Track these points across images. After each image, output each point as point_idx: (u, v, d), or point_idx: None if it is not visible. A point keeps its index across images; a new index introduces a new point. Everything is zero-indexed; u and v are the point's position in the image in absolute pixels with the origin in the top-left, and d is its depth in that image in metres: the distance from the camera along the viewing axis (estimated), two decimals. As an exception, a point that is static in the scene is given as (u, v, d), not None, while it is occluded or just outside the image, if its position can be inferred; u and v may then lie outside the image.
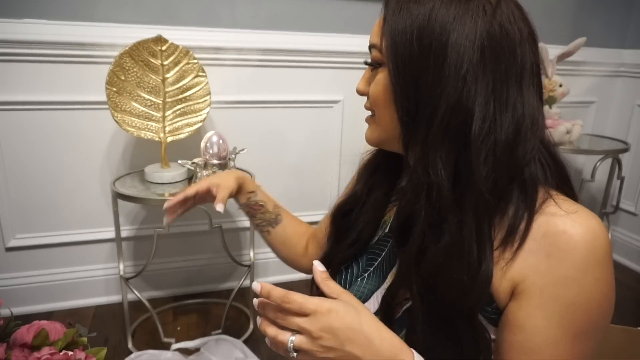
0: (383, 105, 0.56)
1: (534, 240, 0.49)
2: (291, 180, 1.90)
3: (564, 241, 0.48)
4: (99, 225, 1.71)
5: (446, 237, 0.50)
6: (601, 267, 0.47)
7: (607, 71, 2.28)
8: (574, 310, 0.47)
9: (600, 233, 0.48)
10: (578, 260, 0.47)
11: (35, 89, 1.52)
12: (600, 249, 0.47)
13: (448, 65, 0.49)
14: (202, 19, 1.65)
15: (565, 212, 0.49)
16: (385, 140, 0.60)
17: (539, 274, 0.48)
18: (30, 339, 0.48)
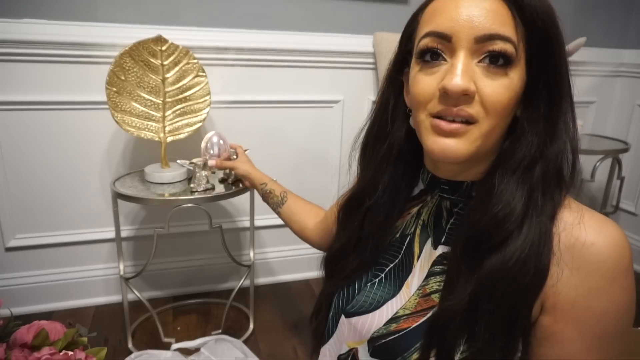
0: (505, 112, 0.49)
1: (559, 252, 0.48)
2: (291, 180, 1.90)
3: (593, 253, 0.47)
4: (99, 225, 1.71)
5: (519, 244, 0.48)
6: (628, 275, 0.48)
7: (607, 71, 2.28)
8: (605, 319, 0.48)
9: (625, 242, 0.48)
10: (607, 271, 0.47)
11: (35, 89, 1.52)
12: (627, 259, 0.47)
13: (565, 68, 0.51)
14: (202, 19, 1.65)
15: (586, 221, 0.48)
16: (478, 154, 0.51)
17: (570, 287, 0.48)
18: (30, 339, 0.48)
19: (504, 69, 0.48)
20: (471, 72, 0.48)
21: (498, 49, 0.47)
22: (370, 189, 0.63)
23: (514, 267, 0.47)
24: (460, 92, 0.47)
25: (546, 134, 0.50)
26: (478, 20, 0.47)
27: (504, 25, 0.47)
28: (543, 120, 0.50)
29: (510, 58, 0.47)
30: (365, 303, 0.60)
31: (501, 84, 0.48)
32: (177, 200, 1.34)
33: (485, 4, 0.47)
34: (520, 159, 0.50)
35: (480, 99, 0.48)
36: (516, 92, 0.48)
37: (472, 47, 0.48)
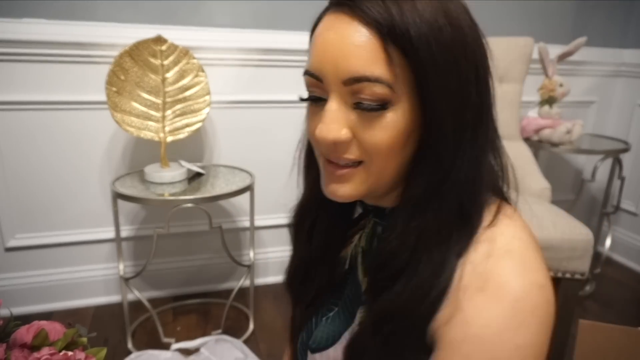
0: (392, 152, 0.44)
1: (467, 280, 0.43)
2: (291, 180, 1.90)
3: (488, 296, 0.41)
4: (99, 225, 1.71)
5: (418, 276, 0.45)
6: (524, 331, 0.40)
7: (608, 71, 2.28)
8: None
9: (528, 292, 0.41)
10: (495, 321, 0.41)
11: (35, 89, 1.52)
12: (526, 312, 0.41)
13: (484, 99, 0.45)
14: (202, 19, 1.65)
15: (503, 253, 0.43)
16: (372, 191, 0.48)
17: (459, 324, 0.42)
18: (30, 339, 0.48)
19: (380, 111, 0.42)
20: (344, 118, 0.43)
21: (368, 95, 0.41)
22: (305, 213, 0.62)
23: (403, 302, 0.45)
24: (328, 143, 0.44)
25: (442, 167, 0.44)
26: (342, 61, 0.41)
27: (374, 63, 0.40)
28: (440, 152, 0.44)
29: (384, 100, 0.41)
30: (322, 339, 0.59)
31: (380, 127, 0.42)
32: (177, 200, 1.34)
33: (352, 39, 0.41)
34: (416, 193, 0.45)
35: (359, 143, 0.44)
36: (400, 130, 0.43)
37: (341, 90, 0.43)
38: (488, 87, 0.45)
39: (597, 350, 1.01)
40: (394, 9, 0.39)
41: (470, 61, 0.42)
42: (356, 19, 0.41)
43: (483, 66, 0.44)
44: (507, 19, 2.01)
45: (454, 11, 0.42)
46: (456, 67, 0.41)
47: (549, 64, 1.86)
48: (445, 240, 0.44)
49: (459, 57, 0.41)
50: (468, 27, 0.43)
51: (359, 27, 0.41)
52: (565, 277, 1.31)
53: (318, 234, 0.60)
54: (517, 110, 1.84)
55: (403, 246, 0.45)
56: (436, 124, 0.42)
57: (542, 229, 1.30)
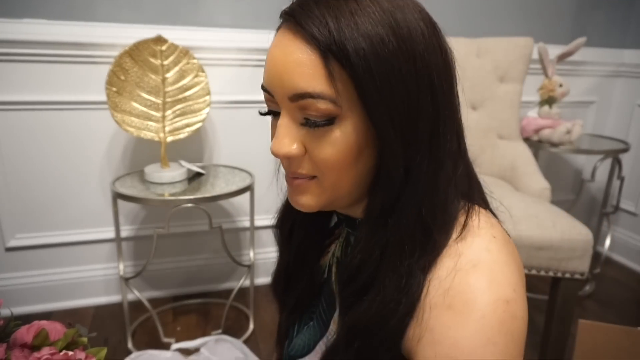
0: (343, 166, 0.43)
1: (434, 296, 0.43)
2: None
3: (455, 313, 0.41)
4: (99, 225, 1.71)
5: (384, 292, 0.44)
6: (493, 348, 0.40)
7: (607, 71, 2.28)
8: None
9: (495, 307, 0.40)
10: (463, 340, 0.40)
11: (35, 89, 1.52)
12: (494, 327, 0.40)
13: (440, 108, 0.43)
14: (202, 19, 1.65)
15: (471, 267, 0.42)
16: (332, 203, 0.48)
17: (429, 343, 0.41)
18: (30, 339, 0.48)
19: (328, 127, 0.42)
20: (295, 133, 0.44)
21: (313, 112, 0.41)
22: (287, 258, 0.62)
23: (371, 317, 0.44)
24: (281, 157, 0.45)
25: (394, 182, 0.43)
26: (286, 78, 0.41)
27: (315, 79, 0.40)
28: (390, 167, 0.43)
29: (329, 115, 0.41)
30: (300, 347, 0.60)
31: (328, 143, 0.42)
32: (177, 200, 1.34)
33: (293, 57, 0.41)
34: (374, 207, 0.45)
35: (310, 158, 0.44)
36: (349, 145, 0.42)
37: (289, 106, 0.43)
38: (447, 95, 0.44)
39: (597, 350, 1.01)
40: (333, 25, 0.39)
41: (421, 71, 0.41)
42: (299, 35, 0.41)
43: (440, 74, 0.43)
44: (507, 19, 2.01)
45: (403, 21, 0.41)
46: (400, 79, 0.40)
47: (548, 64, 1.86)
48: (410, 255, 0.44)
49: (405, 68, 0.40)
50: (420, 36, 0.41)
51: (300, 44, 0.41)
52: (565, 277, 1.31)
53: (296, 240, 0.60)
54: (517, 111, 1.84)
55: (367, 261, 0.45)
56: (382, 137, 0.42)
57: (542, 229, 1.30)
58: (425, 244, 0.44)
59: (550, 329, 1.36)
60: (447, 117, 0.44)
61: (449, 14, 1.91)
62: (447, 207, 0.45)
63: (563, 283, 1.32)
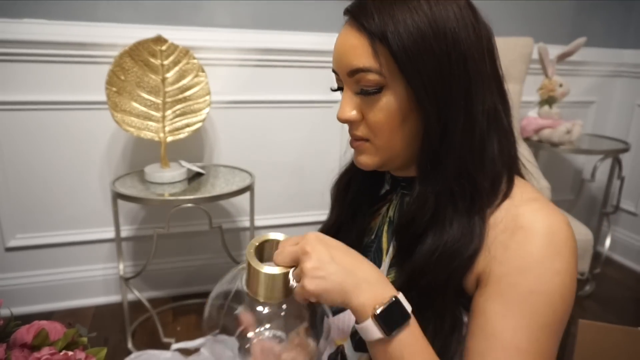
0: (391, 129, 0.53)
1: (495, 232, 0.52)
2: (291, 180, 1.90)
3: (521, 234, 0.50)
4: (99, 225, 1.71)
5: (447, 235, 0.52)
6: (561, 259, 0.49)
7: (607, 71, 2.28)
8: (534, 299, 0.48)
9: (559, 227, 0.50)
10: (534, 251, 0.49)
11: (35, 89, 1.52)
12: (560, 242, 0.49)
13: (472, 70, 0.51)
14: (202, 19, 1.65)
15: (526, 202, 0.52)
16: (387, 162, 0.57)
17: (498, 264, 0.50)
18: (30, 339, 0.48)
19: (377, 94, 0.52)
20: (353, 102, 0.55)
21: (364, 82, 0.52)
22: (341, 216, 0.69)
23: (436, 258, 0.52)
24: (342, 121, 0.56)
25: (433, 136, 0.52)
26: (344, 58, 0.53)
27: (363, 57, 0.51)
28: (429, 123, 0.52)
29: (378, 84, 0.52)
30: None
31: (378, 108, 0.53)
32: (177, 200, 1.34)
33: (349, 42, 0.53)
34: (421, 162, 0.54)
35: (366, 122, 0.55)
36: (395, 110, 0.52)
37: (349, 80, 0.54)
38: (479, 64, 0.52)
39: (597, 350, 1.01)
40: (377, 16, 0.50)
41: (451, 45, 0.50)
42: (354, 26, 0.52)
43: (471, 46, 0.51)
44: (507, 19, 2.01)
45: (436, 6, 0.50)
46: (431, 52, 0.49)
47: (548, 64, 1.86)
48: (462, 200, 0.52)
49: (436, 44, 0.49)
50: (452, 16, 0.50)
51: (354, 32, 0.52)
52: (565, 277, 1.31)
53: (350, 195, 0.69)
54: (517, 111, 1.84)
55: (423, 207, 0.54)
56: (419, 100, 0.51)
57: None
58: (473, 191, 0.52)
59: (550, 329, 1.36)
60: (480, 82, 0.52)
61: (449, 14, 1.91)
62: (485, 158, 0.53)
63: (563, 283, 1.32)
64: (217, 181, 1.53)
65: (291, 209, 1.93)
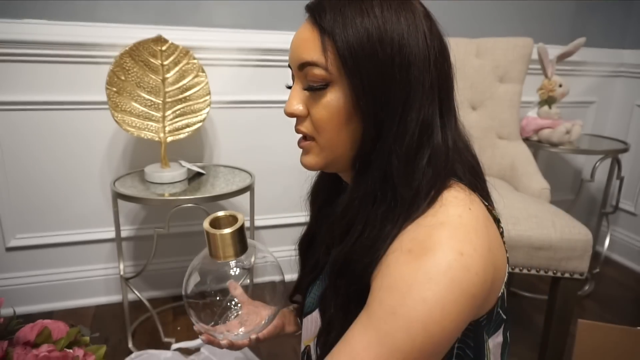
0: (333, 127, 0.53)
1: (394, 247, 0.49)
2: (291, 180, 1.90)
3: (405, 256, 0.47)
4: (99, 225, 1.71)
5: (367, 238, 0.52)
6: (434, 288, 0.44)
7: (607, 71, 2.28)
8: (393, 320, 0.45)
9: (448, 257, 0.45)
10: (406, 273, 0.46)
11: (35, 89, 1.52)
12: (439, 272, 0.45)
13: (414, 79, 0.50)
14: (202, 19, 1.65)
15: (433, 224, 0.48)
16: (330, 163, 0.57)
17: (379, 277, 0.49)
18: (33, 337, 0.48)
19: (322, 90, 0.53)
20: (302, 97, 0.55)
21: (311, 77, 0.53)
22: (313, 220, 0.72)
23: (345, 254, 0.53)
24: (288, 114, 0.56)
25: (367, 138, 0.52)
26: (297, 50, 0.55)
27: (312, 51, 0.52)
28: (365, 126, 0.52)
29: (324, 80, 0.52)
30: (310, 303, 0.68)
31: (322, 105, 0.53)
32: (177, 200, 1.35)
33: (302, 35, 0.54)
34: (355, 161, 0.54)
35: (310, 118, 0.55)
36: (338, 108, 0.52)
37: (299, 74, 0.55)
38: (423, 73, 0.51)
39: (596, 349, 1.01)
40: (330, 13, 0.51)
41: (396, 50, 0.49)
42: (309, 21, 0.54)
43: (418, 55, 0.50)
44: (506, 19, 2.01)
45: (388, 10, 0.50)
46: (375, 54, 0.49)
47: (548, 65, 1.86)
48: (379, 205, 0.52)
49: (381, 46, 0.49)
50: (403, 22, 0.50)
51: (309, 26, 0.53)
52: (564, 277, 1.31)
53: (317, 205, 0.71)
54: (516, 111, 1.84)
55: (348, 207, 0.54)
56: (357, 99, 0.51)
57: (541, 229, 1.31)
58: (392, 199, 0.51)
59: (550, 329, 1.36)
60: (420, 92, 0.51)
61: (449, 14, 1.92)
62: (411, 169, 0.51)
63: (563, 283, 1.32)
64: (217, 181, 1.53)
65: (291, 209, 1.93)
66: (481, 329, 0.54)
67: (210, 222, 0.63)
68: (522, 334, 1.66)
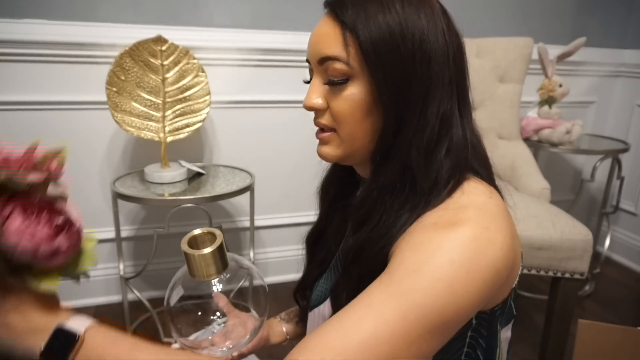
0: (354, 120, 0.54)
1: (427, 221, 0.51)
2: (291, 180, 1.90)
3: (431, 227, 0.49)
4: (99, 225, 1.71)
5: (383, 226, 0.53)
6: (460, 252, 0.45)
7: (607, 71, 2.28)
8: (416, 277, 0.44)
9: (474, 234, 0.46)
10: (433, 237, 0.47)
11: (35, 89, 1.52)
12: (466, 242, 0.45)
13: (434, 73, 0.52)
14: (202, 19, 1.65)
15: (455, 208, 0.50)
16: (349, 155, 0.58)
17: (398, 246, 0.49)
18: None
19: (343, 84, 0.53)
20: (320, 90, 0.56)
21: (332, 71, 0.53)
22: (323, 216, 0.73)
23: (361, 241, 0.54)
24: (308, 108, 0.57)
25: (388, 131, 0.53)
26: (317, 45, 0.55)
27: (333, 46, 0.53)
28: (386, 119, 0.53)
29: (344, 74, 0.53)
30: (317, 296, 0.68)
31: (342, 98, 0.54)
32: (177, 200, 1.34)
33: (323, 30, 0.55)
34: (375, 157, 0.55)
35: (330, 111, 0.56)
36: (359, 102, 0.53)
37: (319, 69, 0.55)
38: (442, 67, 0.52)
39: (597, 349, 1.01)
40: (352, 8, 0.52)
41: (418, 45, 0.51)
42: (330, 16, 0.55)
43: (438, 50, 0.52)
44: (507, 19, 2.01)
45: (409, 6, 0.51)
46: (397, 49, 0.50)
47: (548, 65, 1.86)
48: (398, 196, 0.53)
49: (402, 42, 0.50)
50: (424, 19, 0.52)
51: (329, 21, 0.54)
52: (564, 277, 1.31)
53: (329, 199, 0.72)
54: (516, 111, 1.84)
55: (367, 198, 0.55)
56: (379, 93, 0.52)
57: (541, 229, 1.30)
58: (412, 189, 0.52)
59: (550, 329, 1.36)
60: (440, 86, 0.52)
61: (449, 14, 1.92)
62: (430, 160, 0.52)
63: (563, 283, 1.32)
64: (217, 181, 1.53)
65: (291, 209, 1.93)
66: (495, 319, 0.55)
67: (188, 242, 0.62)
68: (522, 334, 1.66)
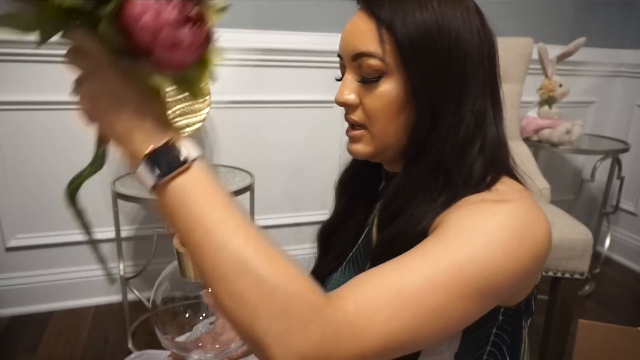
0: (387, 117, 0.54)
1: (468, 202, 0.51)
2: (291, 181, 1.90)
3: (481, 202, 0.49)
4: (99, 225, 1.71)
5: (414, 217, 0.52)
6: (513, 219, 0.46)
7: (607, 71, 2.28)
8: (472, 235, 0.45)
9: (526, 209, 0.47)
10: (487, 206, 0.47)
11: (35, 89, 1.52)
12: (519, 219, 0.46)
13: (469, 71, 0.52)
14: (202, 19, 1.65)
15: (496, 198, 0.50)
16: (380, 152, 0.57)
17: (447, 215, 0.49)
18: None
19: (377, 81, 0.53)
20: (353, 86, 0.56)
21: (365, 68, 0.53)
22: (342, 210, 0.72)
23: (396, 232, 0.53)
24: (340, 103, 0.57)
25: (422, 128, 0.53)
26: (351, 41, 0.55)
27: (368, 42, 0.52)
28: (420, 116, 0.53)
29: (379, 71, 0.53)
30: (332, 288, 0.64)
31: (376, 95, 0.54)
32: (177, 200, 1.34)
33: (357, 26, 0.55)
34: (408, 153, 0.55)
35: (363, 107, 0.56)
36: (393, 98, 0.53)
37: (352, 65, 0.55)
38: (477, 65, 0.53)
39: (597, 349, 1.01)
40: (388, 5, 0.52)
41: (454, 43, 0.51)
42: (364, 12, 0.55)
43: (473, 48, 0.53)
44: (507, 19, 2.01)
45: (445, 4, 0.52)
46: (434, 47, 0.51)
47: (548, 65, 1.86)
48: (432, 190, 0.53)
49: (439, 39, 0.51)
50: (459, 16, 0.52)
51: (363, 17, 0.54)
52: (564, 277, 1.31)
53: (349, 192, 0.71)
54: (516, 111, 1.84)
55: (400, 193, 0.55)
56: (415, 90, 0.52)
57: (541, 229, 1.30)
58: (445, 185, 0.52)
59: (550, 329, 1.36)
60: (475, 83, 0.53)
61: (449, 14, 1.92)
62: (465, 156, 0.53)
63: (563, 283, 1.32)
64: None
65: (291, 209, 1.93)
66: (520, 315, 0.55)
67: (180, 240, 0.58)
68: (522, 334, 1.66)
